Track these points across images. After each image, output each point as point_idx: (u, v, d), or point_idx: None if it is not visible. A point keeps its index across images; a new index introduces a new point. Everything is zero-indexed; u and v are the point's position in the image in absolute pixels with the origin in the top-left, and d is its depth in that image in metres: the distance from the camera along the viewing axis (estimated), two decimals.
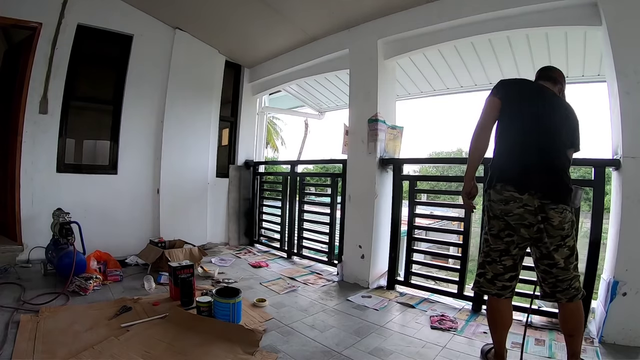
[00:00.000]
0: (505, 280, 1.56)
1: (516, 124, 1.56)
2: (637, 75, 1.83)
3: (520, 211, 1.47)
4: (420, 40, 2.76)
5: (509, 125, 1.58)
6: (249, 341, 1.71)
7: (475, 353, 1.76)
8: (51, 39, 2.94)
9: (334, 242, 3.34)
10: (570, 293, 1.49)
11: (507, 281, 1.56)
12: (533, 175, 1.47)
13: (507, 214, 1.51)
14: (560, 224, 1.45)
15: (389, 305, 2.43)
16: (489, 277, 1.58)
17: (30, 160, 2.92)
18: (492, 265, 1.57)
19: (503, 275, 1.56)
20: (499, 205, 1.52)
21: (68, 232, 2.54)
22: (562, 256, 1.47)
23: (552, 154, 1.51)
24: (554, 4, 2.13)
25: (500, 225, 1.55)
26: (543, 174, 1.47)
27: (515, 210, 1.48)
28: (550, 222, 1.45)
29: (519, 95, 1.60)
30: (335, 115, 5.27)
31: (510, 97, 1.59)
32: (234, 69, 4.39)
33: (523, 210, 1.47)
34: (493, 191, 1.54)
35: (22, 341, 1.60)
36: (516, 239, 1.53)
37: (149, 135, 3.57)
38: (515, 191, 1.48)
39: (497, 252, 1.56)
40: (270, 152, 17.70)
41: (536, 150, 1.50)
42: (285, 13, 3.15)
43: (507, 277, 1.56)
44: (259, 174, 4.42)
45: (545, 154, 1.50)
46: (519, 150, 1.53)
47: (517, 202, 1.47)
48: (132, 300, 2.20)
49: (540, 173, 1.47)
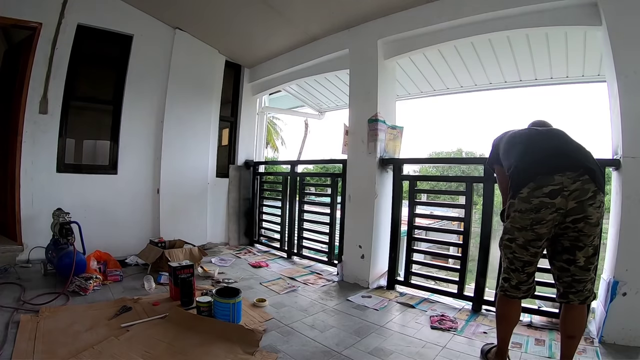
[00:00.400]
0: (529, 284, 1.53)
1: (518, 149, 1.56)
2: (637, 75, 1.83)
3: (554, 216, 1.37)
4: (420, 40, 2.76)
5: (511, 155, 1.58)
6: (249, 341, 1.71)
7: (475, 353, 1.76)
8: (51, 39, 2.94)
9: (334, 242, 3.34)
10: (583, 295, 1.43)
11: (530, 284, 1.53)
12: (556, 158, 1.40)
13: (539, 222, 1.39)
14: (597, 220, 1.36)
15: (389, 305, 2.43)
16: (513, 283, 1.53)
17: (30, 160, 2.92)
18: (515, 274, 1.51)
19: (527, 282, 1.52)
20: (529, 214, 1.41)
21: (68, 232, 2.54)
22: (585, 255, 1.38)
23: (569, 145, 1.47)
24: (554, 4, 2.13)
25: (528, 236, 1.43)
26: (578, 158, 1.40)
27: (549, 216, 1.37)
28: (586, 220, 1.35)
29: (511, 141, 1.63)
30: (335, 115, 5.27)
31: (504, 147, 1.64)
32: (234, 69, 4.39)
33: (556, 215, 1.36)
34: (519, 200, 1.44)
35: (22, 341, 1.60)
36: (542, 247, 1.46)
37: (149, 135, 3.57)
38: (546, 196, 1.36)
39: (522, 262, 1.49)
40: (270, 152, 17.71)
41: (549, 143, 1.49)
42: (285, 13, 3.15)
43: (530, 281, 1.53)
44: (259, 174, 4.42)
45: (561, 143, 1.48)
46: (530, 152, 1.50)
47: (550, 207, 1.36)
48: (132, 300, 2.20)
49: (563, 154, 1.42)
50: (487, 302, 2.34)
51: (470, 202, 2.50)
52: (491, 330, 2.04)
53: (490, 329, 2.04)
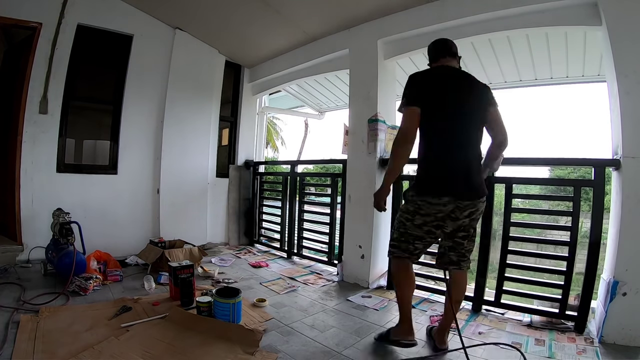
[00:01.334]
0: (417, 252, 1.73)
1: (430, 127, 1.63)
2: (637, 75, 1.83)
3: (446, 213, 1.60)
4: (421, 40, 2.75)
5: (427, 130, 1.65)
6: (249, 341, 1.71)
7: (476, 353, 1.76)
8: (51, 39, 2.94)
9: (334, 242, 3.34)
10: (468, 263, 1.75)
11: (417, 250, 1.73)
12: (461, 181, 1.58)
13: (431, 214, 1.62)
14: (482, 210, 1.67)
15: (389, 305, 2.43)
16: (403, 248, 1.74)
17: (30, 160, 2.92)
18: (405, 244, 1.73)
19: (414, 251, 1.73)
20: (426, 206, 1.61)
21: (68, 232, 2.54)
22: (472, 227, 1.70)
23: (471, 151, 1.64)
24: (554, 4, 2.13)
25: (425, 220, 1.64)
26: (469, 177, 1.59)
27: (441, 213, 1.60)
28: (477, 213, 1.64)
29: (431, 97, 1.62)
30: (335, 115, 5.27)
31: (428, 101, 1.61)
32: (234, 69, 4.39)
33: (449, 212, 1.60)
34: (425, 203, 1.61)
35: (22, 341, 1.60)
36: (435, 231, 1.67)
37: (149, 135, 3.57)
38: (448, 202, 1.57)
39: (412, 236, 1.70)
40: (270, 152, 17.72)
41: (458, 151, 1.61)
42: (285, 13, 3.15)
43: (417, 253, 1.74)
44: (259, 174, 4.42)
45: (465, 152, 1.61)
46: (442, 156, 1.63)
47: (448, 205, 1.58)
48: (132, 300, 2.20)
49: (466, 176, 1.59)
50: (487, 302, 2.34)
51: None
52: (490, 330, 2.04)
53: (489, 329, 2.05)
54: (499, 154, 1.74)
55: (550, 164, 3.37)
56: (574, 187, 2.14)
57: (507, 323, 2.14)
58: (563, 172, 8.57)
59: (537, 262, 2.57)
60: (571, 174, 9.53)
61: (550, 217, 2.79)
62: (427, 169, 1.67)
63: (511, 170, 2.41)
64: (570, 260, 2.08)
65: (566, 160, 2.52)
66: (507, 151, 1.77)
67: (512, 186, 2.29)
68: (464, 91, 1.64)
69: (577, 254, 2.09)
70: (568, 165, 4.06)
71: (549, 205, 2.84)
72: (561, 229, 2.45)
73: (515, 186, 2.30)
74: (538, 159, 2.47)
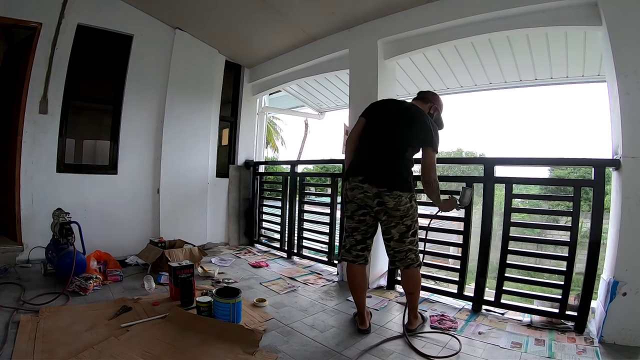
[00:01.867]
0: (358, 251, 1.98)
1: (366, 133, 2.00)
2: (637, 75, 1.83)
3: (362, 196, 1.88)
4: (421, 40, 2.76)
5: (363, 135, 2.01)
6: (249, 341, 1.71)
7: (476, 353, 1.77)
8: (51, 39, 2.94)
9: (334, 242, 3.34)
10: (406, 262, 1.93)
11: (360, 251, 1.98)
12: (371, 169, 1.88)
13: (354, 199, 1.91)
14: (395, 207, 1.83)
15: (389, 305, 2.43)
16: (346, 248, 2.01)
17: (30, 160, 2.92)
18: (348, 239, 2.00)
19: (356, 247, 1.97)
20: (349, 192, 1.92)
21: (68, 232, 2.54)
22: (398, 232, 1.88)
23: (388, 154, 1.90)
24: (554, 4, 2.13)
25: (352, 207, 1.95)
26: (379, 169, 1.87)
27: (358, 195, 1.88)
28: (386, 205, 1.84)
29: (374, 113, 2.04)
30: (335, 115, 5.28)
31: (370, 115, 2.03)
32: (234, 69, 4.39)
33: (364, 196, 1.87)
34: (347, 182, 1.95)
35: (22, 341, 1.60)
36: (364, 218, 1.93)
37: (149, 135, 3.57)
38: (359, 182, 1.87)
39: (350, 229, 1.98)
40: (270, 152, 17.71)
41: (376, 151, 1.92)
42: (285, 13, 3.14)
43: (359, 248, 1.98)
44: (259, 174, 4.41)
45: (382, 153, 1.90)
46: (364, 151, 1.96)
47: (359, 189, 1.87)
48: (132, 300, 2.20)
49: (376, 168, 1.87)
50: (487, 302, 2.34)
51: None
52: (490, 330, 2.04)
53: (489, 329, 2.05)
54: (425, 188, 2.03)
55: (550, 164, 3.38)
56: (574, 187, 2.14)
57: (507, 323, 2.14)
58: (563, 172, 8.58)
59: (537, 262, 2.57)
60: (571, 174, 9.54)
61: (550, 217, 2.79)
62: (352, 160, 2.00)
63: (511, 170, 2.42)
64: (570, 260, 2.08)
65: (566, 160, 2.51)
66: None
67: (512, 186, 2.29)
68: (402, 120, 1.95)
69: (577, 254, 2.09)
70: (568, 165, 4.06)
71: (549, 205, 2.84)
72: (561, 229, 2.46)
73: (515, 186, 2.29)
74: (538, 159, 2.47)
